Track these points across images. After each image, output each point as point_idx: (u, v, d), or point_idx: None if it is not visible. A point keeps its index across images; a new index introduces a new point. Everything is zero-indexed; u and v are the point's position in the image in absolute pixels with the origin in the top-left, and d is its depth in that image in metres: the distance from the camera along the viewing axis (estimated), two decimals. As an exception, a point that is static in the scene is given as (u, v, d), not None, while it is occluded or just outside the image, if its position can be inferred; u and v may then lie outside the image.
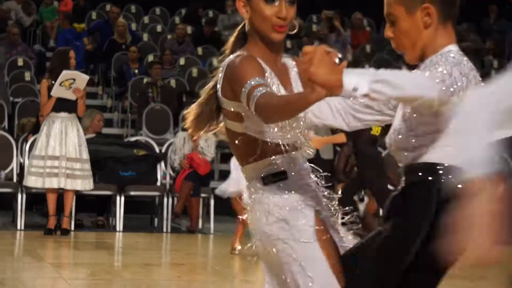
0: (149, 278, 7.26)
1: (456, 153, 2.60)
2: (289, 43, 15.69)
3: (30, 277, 7.06)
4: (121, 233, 10.06)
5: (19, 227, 9.84)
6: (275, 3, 3.00)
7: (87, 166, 9.62)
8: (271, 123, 2.87)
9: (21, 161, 10.36)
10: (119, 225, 10.14)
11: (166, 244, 9.93)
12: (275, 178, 2.98)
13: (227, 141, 3.14)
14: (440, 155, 2.80)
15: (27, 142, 10.32)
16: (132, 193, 10.39)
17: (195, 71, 14.08)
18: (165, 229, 10.30)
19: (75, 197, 9.74)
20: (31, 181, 9.52)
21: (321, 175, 3.15)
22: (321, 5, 16.17)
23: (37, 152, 9.51)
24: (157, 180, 10.58)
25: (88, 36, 15.19)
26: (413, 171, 2.85)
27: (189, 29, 15.47)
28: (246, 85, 2.83)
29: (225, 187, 8.61)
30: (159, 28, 15.89)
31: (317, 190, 3.08)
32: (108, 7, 15.87)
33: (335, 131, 9.23)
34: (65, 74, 9.38)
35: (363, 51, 15.92)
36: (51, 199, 9.52)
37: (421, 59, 2.92)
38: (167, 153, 10.82)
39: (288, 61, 3.18)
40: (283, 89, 3.02)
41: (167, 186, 10.60)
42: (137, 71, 13.77)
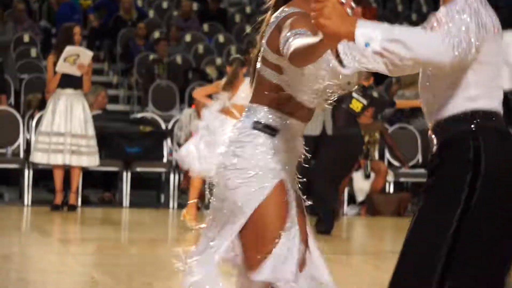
0: (155, 253, 7.29)
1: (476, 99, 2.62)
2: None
3: (37, 252, 7.10)
4: (127, 209, 10.10)
5: (26, 203, 9.88)
6: None
7: (93, 142, 9.64)
8: (297, 66, 2.87)
9: (28, 137, 10.39)
10: (126, 201, 10.17)
11: (172, 219, 9.97)
12: (265, 129, 3.06)
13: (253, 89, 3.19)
14: (464, 106, 2.78)
15: (33, 118, 10.34)
16: (138, 169, 10.42)
17: (201, 48, 14.06)
18: (171, 205, 10.34)
19: (81, 173, 9.77)
20: (37, 157, 9.55)
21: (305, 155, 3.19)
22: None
23: (43, 128, 9.52)
24: (163, 156, 10.60)
25: (94, 12, 15.16)
26: (443, 129, 2.81)
27: (195, 6, 15.43)
28: (290, 32, 2.86)
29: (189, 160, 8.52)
30: (165, 4, 15.84)
31: (293, 170, 3.15)
32: (114, -17, 15.83)
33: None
34: (69, 50, 9.38)
35: (394, 10, 15.86)
36: (58, 175, 9.55)
37: None
38: (173, 129, 10.83)
39: None
40: None
41: (173, 162, 10.62)
42: (143, 48, 13.75)
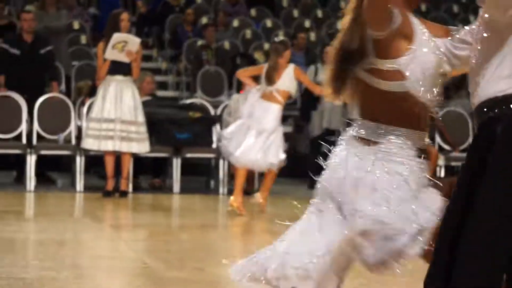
0: (206, 239, 7.32)
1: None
2: (343, 3, 15.52)
3: (89, 238, 7.18)
4: (177, 195, 10.15)
5: (78, 189, 9.99)
6: None
7: (143, 129, 9.70)
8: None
9: (79, 124, 10.49)
10: (176, 187, 10.23)
11: (222, 205, 9.99)
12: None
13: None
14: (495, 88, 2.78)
15: (84, 105, 10.44)
16: (188, 155, 10.46)
17: (248, 33, 14.05)
18: (221, 191, 10.37)
19: (132, 159, 9.84)
20: (88, 144, 9.64)
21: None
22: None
23: (93, 115, 9.61)
24: (212, 142, 10.63)
25: (142, -1, 15.22)
26: (479, 111, 2.85)
27: (243, -9, 15.40)
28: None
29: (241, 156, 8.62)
30: (212, -11, 15.84)
31: None
32: (162, -31, 15.86)
33: None
34: (116, 37, 9.44)
35: (418, 10, 15.68)
36: (109, 162, 9.63)
37: None
38: (222, 115, 10.85)
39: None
40: None
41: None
42: (191, 34, 13.78)
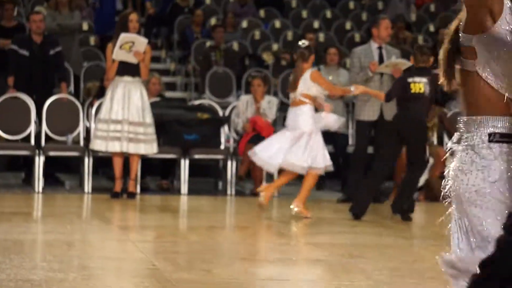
0: (214, 240, 7.33)
1: None
2: (351, 4, 15.54)
3: (98, 239, 7.19)
4: (186, 196, 10.16)
5: (86, 190, 10.01)
6: None
7: (151, 130, 9.70)
8: None
9: (88, 125, 10.51)
10: (184, 188, 10.23)
11: (230, 207, 10.01)
12: (502, 138, 2.92)
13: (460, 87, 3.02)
14: None
15: (92, 106, 10.46)
16: (196, 157, 10.47)
17: (257, 34, 14.05)
18: (229, 192, 10.37)
19: (140, 160, 9.85)
20: (96, 145, 9.65)
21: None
22: (384, -35, 15.94)
23: (102, 116, 9.62)
24: (220, 143, 10.63)
25: (150, 0, 15.25)
26: None
27: (252, -8, 15.41)
28: None
29: (273, 162, 8.63)
30: (221, -10, 15.85)
31: None
32: (170, -29, 15.89)
33: None
34: (123, 37, 9.44)
35: (427, 11, 15.68)
36: (117, 163, 9.64)
37: None
38: (230, 116, 10.86)
39: None
40: None
41: (231, 149, 10.65)
42: (200, 35, 13.79)
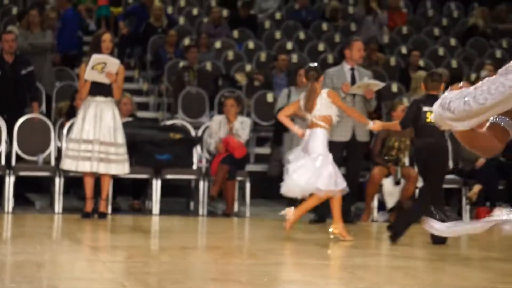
0: (186, 261, 7.29)
1: None
2: (324, 26, 15.62)
3: (68, 259, 7.13)
4: (157, 217, 10.12)
5: (57, 211, 9.94)
6: None
7: (122, 150, 9.66)
8: None
9: (59, 145, 10.45)
10: (156, 209, 10.19)
11: (202, 227, 9.97)
12: None
13: None
14: None
15: (64, 126, 10.41)
16: (168, 177, 10.43)
17: (231, 54, 14.08)
18: (201, 213, 10.34)
19: (112, 180, 9.80)
20: (67, 165, 9.59)
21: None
22: (357, -13, 16.07)
23: (73, 135, 9.58)
24: (193, 163, 10.61)
25: (124, 19, 15.25)
26: None
27: (225, 12, 15.46)
28: None
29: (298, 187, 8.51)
30: (195, 11, 15.89)
31: None
32: (144, -9, 15.90)
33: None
34: (95, 58, 9.43)
35: (399, 33, 15.80)
36: (88, 183, 9.59)
37: None
38: (203, 136, 10.84)
39: None
40: None
41: (203, 169, 10.63)
42: (173, 55, 13.80)
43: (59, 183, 9.98)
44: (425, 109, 8.38)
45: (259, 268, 7.03)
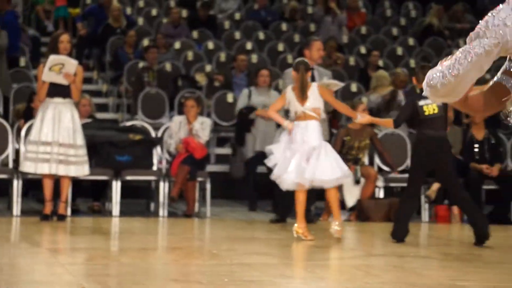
0: (146, 262, 7.26)
1: None
2: (284, 26, 15.66)
3: (27, 263, 7.06)
4: (117, 218, 10.06)
5: (15, 213, 9.84)
6: None
7: (82, 152, 9.59)
8: None
9: (17, 147, 10.35)
10: (116, 210, 10.13)
11: (162, 228, 9.94)
12: None
13: None
14: None
15: (22, 127, 10.31)
16: (128, 178, 10.38)
17: (190, 55, 14.05)
18: (161, 214, 10.30)
19: (71, 182, 9.73)
20: (26, 167, 9.51)
21: None
22: (316, -13, 16.13)
23: (31, 137, 9.50)
24: (153, 164, 10.57)
25: (82, 21, 15.15)
26: None
27: (184, 13, 15.43)
28: None
29: (288, 179, 8.46)
30: (154, 11, 15.84)
31: None
32: (102, -9, 15.82)
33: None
34: (52, 59, 9.35)
35: (358, 33, 15.89)
36: (47, 185, 9.51)
37: None
38: (163, 137, 10.81)
39: None
40: None
41: (163, 170, 10.59)
42: (132, 56, 13.73)
43: (17, 185, 9.88)
44: (421, 103, 8.42)
45: (220, 268, 7.02)
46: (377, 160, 10.96)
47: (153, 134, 10.81)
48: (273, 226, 9.65)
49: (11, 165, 10.24)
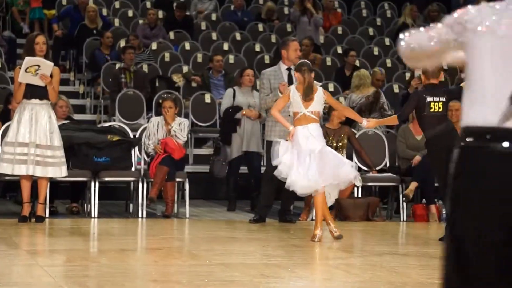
0: (126, 263, 7.25)
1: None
2: (260, 27, 15.68)
3: (5, 264, 7.03)
4: (96, 219, 10.03)
5: (-7, 215, 9.79)
6: None
7: (59, 153, 9.55)
8: None
9: (-6, 148, 10.28)
10: (94, 211, 10.11)
11: (141, 229, 9.92)
12: None
13: None
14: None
15: (-1, 129, 10.25)
16: (106, 179, 10.35)
17: (167, 56, 14.04)
18: (140, 215, 10.29)
19: (49, 184, 9.69)
20: (3, 168, 9.46)
21: None
22: (292, -12, 16.16)
23: (9, 139, 9.45)
24: (131, 165, 10.55)
25: (57, 22, 15.08)
26: None
27: (161, 14, 15.41)
28: None
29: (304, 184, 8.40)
30: (130, 13, 15.81)
31: None
32: (78, -8, 15.76)
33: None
34: (28, 60, 9.32)
35: (335, 33, 15.94)
36: (25, 186, 9.47)
37: None
38: (141, 138, 10.79)
39: None
40: None
41: (142, 171, 10.57)
42: (109, 57, 13.70)
43: (-6, 187, 9.83)
44: (429, 99, 8.38)
45: (199, 268, 7.02)
46: (355, 159, 11.00)
47: (131, 135, 10.78)
48: (252, 226, 9.66)
49: (-12, 167, 10.16)
